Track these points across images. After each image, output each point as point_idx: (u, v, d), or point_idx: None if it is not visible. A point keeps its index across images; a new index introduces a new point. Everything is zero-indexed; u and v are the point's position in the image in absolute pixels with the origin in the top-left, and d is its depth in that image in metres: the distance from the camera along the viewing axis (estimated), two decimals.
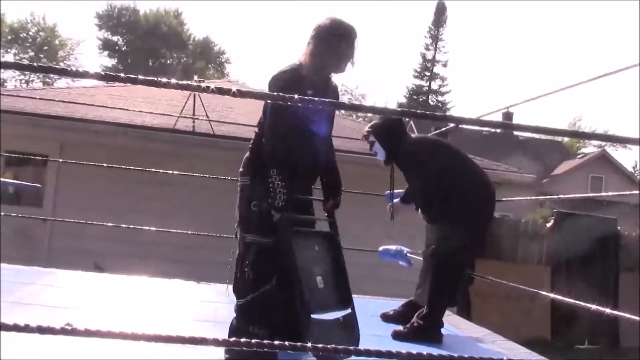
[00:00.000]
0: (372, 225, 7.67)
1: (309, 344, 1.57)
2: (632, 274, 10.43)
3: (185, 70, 45.40)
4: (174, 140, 8.87)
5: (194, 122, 9.19)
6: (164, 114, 9.09)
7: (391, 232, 6.61)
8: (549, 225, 10.78)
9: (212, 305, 4.24)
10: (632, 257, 10.54)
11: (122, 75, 1.52)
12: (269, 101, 2.98)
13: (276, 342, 1.55)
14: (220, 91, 1.56)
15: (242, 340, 1.49)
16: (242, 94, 1.57)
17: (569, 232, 10.34)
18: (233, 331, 2.96)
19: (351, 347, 1.57)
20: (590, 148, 44.68)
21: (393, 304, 4.46)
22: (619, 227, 10.90)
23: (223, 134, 9.05)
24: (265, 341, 1.54)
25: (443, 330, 3.87)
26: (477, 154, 8.71)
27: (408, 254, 4.62)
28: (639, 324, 2.74)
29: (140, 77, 1.49)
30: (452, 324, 4.46)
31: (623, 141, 1.63)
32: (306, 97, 2.48)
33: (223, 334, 2.86)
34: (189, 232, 6.27)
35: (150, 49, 46.57)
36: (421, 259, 4.26)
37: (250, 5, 74.19)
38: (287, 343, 1.53)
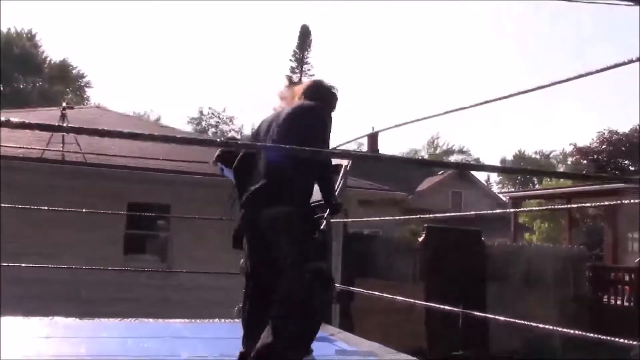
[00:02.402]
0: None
1: None
2: (497, 282, 11.19)
3: (42, 95, 43.00)
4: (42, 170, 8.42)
5: (63, 153, 8.75)
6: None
7: None
8: (420, 239, 11.34)
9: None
10: (496, 267, 11.32)
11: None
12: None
13: None
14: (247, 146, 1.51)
15: None
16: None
17: (439, 245, 10.94)
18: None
19: None
20: None
21: None
22: (482, 239, 11.68)
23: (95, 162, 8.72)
24: None
25: (338, 347, 3.97)
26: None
27: None
28: (505, 327, 2.97)
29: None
30: (344, 340, 4.59)
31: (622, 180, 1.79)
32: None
33: None
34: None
35: (1, 73, 43.71)
36: None
37: (109, 28, 71.91)
38: None
